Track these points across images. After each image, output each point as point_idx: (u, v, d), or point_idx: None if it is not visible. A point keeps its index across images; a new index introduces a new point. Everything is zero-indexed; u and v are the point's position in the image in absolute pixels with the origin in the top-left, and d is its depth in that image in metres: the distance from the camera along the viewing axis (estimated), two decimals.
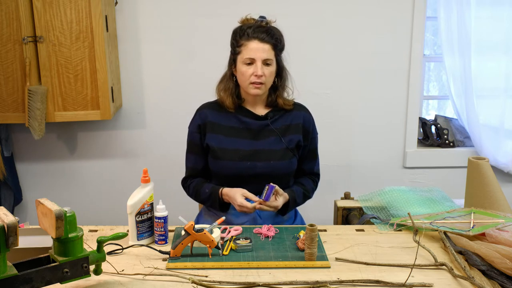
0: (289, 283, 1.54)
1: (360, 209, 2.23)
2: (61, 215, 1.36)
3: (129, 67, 3.08)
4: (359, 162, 3.23)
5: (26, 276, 1.34)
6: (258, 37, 1.98)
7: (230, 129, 2.09)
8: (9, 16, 2.68)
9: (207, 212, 2.20)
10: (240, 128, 2.09)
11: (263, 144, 2.07)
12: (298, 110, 2.15)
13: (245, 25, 2.05)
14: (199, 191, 2.12)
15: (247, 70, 2.00)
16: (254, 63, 1.99)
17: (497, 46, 3.07)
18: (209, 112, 2.13)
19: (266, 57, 1.99)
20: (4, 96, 2.79)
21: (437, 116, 3.39)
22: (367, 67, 3.11)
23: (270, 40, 2.00)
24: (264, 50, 1.98)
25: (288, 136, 2.09)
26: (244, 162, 2.05)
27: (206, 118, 2.12)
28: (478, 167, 1.95)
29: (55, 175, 3.21)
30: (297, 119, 2.13)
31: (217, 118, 2.11)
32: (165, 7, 3.00)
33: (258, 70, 1.98)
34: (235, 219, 2.07)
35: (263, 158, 2.05)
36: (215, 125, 2.10)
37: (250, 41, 1.99)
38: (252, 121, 2.09)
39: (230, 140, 2.08)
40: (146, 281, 1.56)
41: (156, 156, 3.19)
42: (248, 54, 1.99)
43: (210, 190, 2.08)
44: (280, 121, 2.11)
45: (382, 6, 3.03)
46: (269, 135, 2.09)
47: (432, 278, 1.58)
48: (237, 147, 2.06)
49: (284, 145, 2.07)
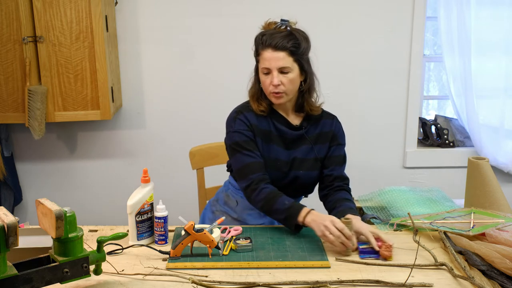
0: (289, 283, 1.54)
1: (360, 209, 2.23)
2: (61, 215, 1.36)
3: (129, 67, 3.08)
4: (359, 162, 3.23)
5: (26, 276, 1.34)
6: (271, 45, 1.90)
7: (267, 134, 2.01)
8: (9, 16, 2.68)
9: (218, 209, 2.15)
10: (277, 135, 2.02)
11: (296, 153, 2.02)
12: (327, 118, 2.09)
13: (263, 31, 1.97)
14: (274, 199, 1.88)
15: (265, 80, 1.94)
16: (270, 72, 1.92)
17: (497, 46, 3.07)
18: (249, 115, 2.01)
19: (281, 66, 1.89)
20: (4, 96, 2.79)
21: (437, 116, 3.39)
22: (367, 67, 3.12)
23: (285, 46, 1.89)
24: (279, 58, 1.89)
25: (318, 145, 2.05)
26: (280, 172, 2.00)
27: (250, 121, 2.00)
28: (478, 167, 1.95)
29: (55, 175, 3.21)
30: (326, 127, 2.07)
31: (256, 121, 2.01)
32: (165, 7, 3.01)
33: (274, 80, 1.90)
34: (252, 220, 2.06)
35: (295, 167, 2.01)
36: (257, 128, 2.00)
37: (265, 50, 1.91)
38: (288, 130, 2.02)
39: (270, 147, 2.01)
40: (146, 281, 1.56)
41: (156, 156, 3.19)
42: (264, 64, 1.92)
43: (291, 203, 1.86)
44: (311, 130, 2.05)
45: (382, 6, 3.04)
46: (302, 144, 2.04)
47: (432, 278, 1.58)
48: (277, 156, 2.00)
49: (315, 155, 2.03)
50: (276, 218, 1.91)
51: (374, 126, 3.19)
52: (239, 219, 2.09)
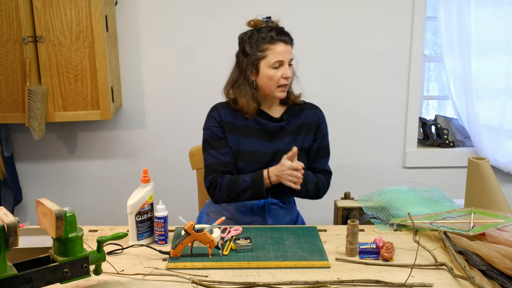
0: (289, 283, 1.54)
1: (360, 209, 2.23)
2: (61, 215, 1.36)
3: (129, 67, 3.08)
4: (359, 162, 3.23)
5: (26, 276, 1.34)
6: (282, 39, 1.99)
7: (246, 129, 2.07)
8: (9, 16, 2.68)
9: (212, 210, 2.18)
10: (256, 129, 2.07)
11: (279, 145, 2.06)
12: (310, 109, 2.15)
13: (263, 28, 2.01)
14: (236, 182, 1.99)
15: (276, 73, 1.98)
16: (282, 65, 1.99)
17: (497, 46, 3.07)
18: (223, 111, 2.08)
19: (291, 58, 2.02)
20: (4, 96, 2.79)
21: (437, 116, 3.39)
22: (367, 67, 3.11)
23: (290, 41, 2.03)
24: (290, 51, 2.02)
25: (301, 136, 2.09)
26: (261, 164, 2.03)
27: (222, 117, 2.07)
28: (478, 167, 1.95)
29: (55, 175, 3.21)
30: (310, 117, 2.12)
31: (232, 118, 2.07)
32: (165, 7, 3.00)
33: (288, 72, 1.99)
34: (243, 217, 2.07)
35: (278, 158, 2.02)
36: (231, 124, 2.07)
37: (277, 44, 1.98)
38: (268, 122, 2.07)
39: (247, 141, 2.06)
40: (146, 281, 1.56)
41: (156, 156, 3.19)
42: (277, 57, 1.98)
43: (251, 177, 1.98)
44: (293, 121, 2.10)
45: (382, 6, 3.03)
46: (284, 135, 2.08)
47: (432, 278, 1.58)
48: (255, 149, 2.04)
49: (298, 145, 2.05)
50: (246, 198, 2.00)
51: (374, 126, 3.19)
52: (232, 218, 2.10)
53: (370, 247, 1.72)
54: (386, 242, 1.71)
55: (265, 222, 2.08)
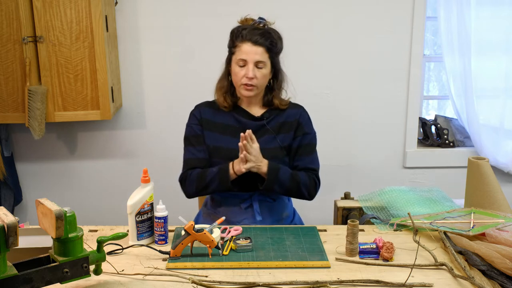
0: (289, 283, 1.54)
1: (360, 209, 2.23)
2: (61, 215, 1.36)
3: (129, 67, 3.08)
4: (359, 162, 3.23)
5: (26, 276, 1.34)
6: (251, 39, 2.00)
7: (225, 127, 2.11)
8: (9, 16, 2.68)
9: (206, 212, 2.20)
10: (236, 127, 2.10)
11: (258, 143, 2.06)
12: (293, 108, 2.16)
13: (242, 26, 2.07)
14: (204, 174, 2.05)
15: (239, 71, 2.03)
16: (246, 65, 2.01)
17: (497, 46, 3.07)
18: (205, 109, 2.16)
19: (258, 60, 2.01)
20: (4, 96, 2.79)
21: (437, 116, 3.39)
22: (367, 67, 3.11)
23: (264, 43, 2.01)
24: (257, 52, 2.00)
25: (282, 135, 2.10)
26: None
27: (202, 115, 2.14)
28: (478, 167, 1.95)
29: (55, 175, 3.21)
30: (291, 116, 2.13)
31: (212, 116, 2.14)
32: (165, 7, 3.00)
33: (249, 72, 2.00)
34: (233, 217, 2.07)
35: None
36: (210, 122, 2.13)
37: (244, 43, 2.01)
38: (248, 121, 2.10)
39: (226, 138, 2.09)
40: (146, 281, 1.56)
41: (156, 156, 3.19)
42: (241, 56, 2.01)
43: (218, 168, 2.04)
44: (275, 120, 2.12)
45: (382, 6, 3.03)
46: (263, 134, 2.09)
47: (432, 278, 1.58)
48: (232, 146, 2.05)
49: (278, 144, 2.08)
50: (214, 189, 2.03)
51: (374, 126, 3.19)
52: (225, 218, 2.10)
53: (370, 247, 1.72)
54: (386, 242, 1.71)
55: (254, 222, 2.07)
